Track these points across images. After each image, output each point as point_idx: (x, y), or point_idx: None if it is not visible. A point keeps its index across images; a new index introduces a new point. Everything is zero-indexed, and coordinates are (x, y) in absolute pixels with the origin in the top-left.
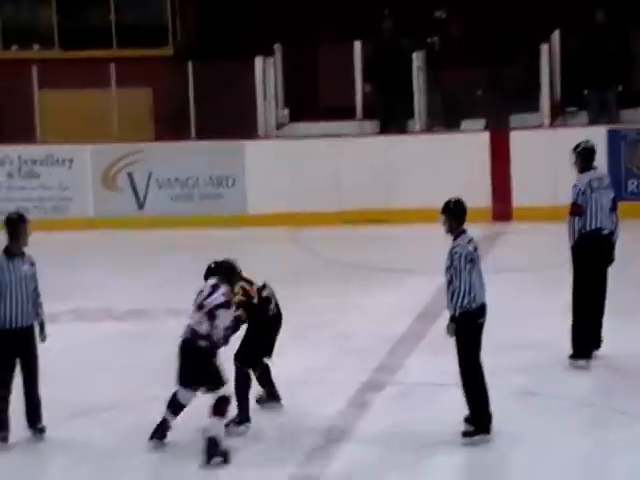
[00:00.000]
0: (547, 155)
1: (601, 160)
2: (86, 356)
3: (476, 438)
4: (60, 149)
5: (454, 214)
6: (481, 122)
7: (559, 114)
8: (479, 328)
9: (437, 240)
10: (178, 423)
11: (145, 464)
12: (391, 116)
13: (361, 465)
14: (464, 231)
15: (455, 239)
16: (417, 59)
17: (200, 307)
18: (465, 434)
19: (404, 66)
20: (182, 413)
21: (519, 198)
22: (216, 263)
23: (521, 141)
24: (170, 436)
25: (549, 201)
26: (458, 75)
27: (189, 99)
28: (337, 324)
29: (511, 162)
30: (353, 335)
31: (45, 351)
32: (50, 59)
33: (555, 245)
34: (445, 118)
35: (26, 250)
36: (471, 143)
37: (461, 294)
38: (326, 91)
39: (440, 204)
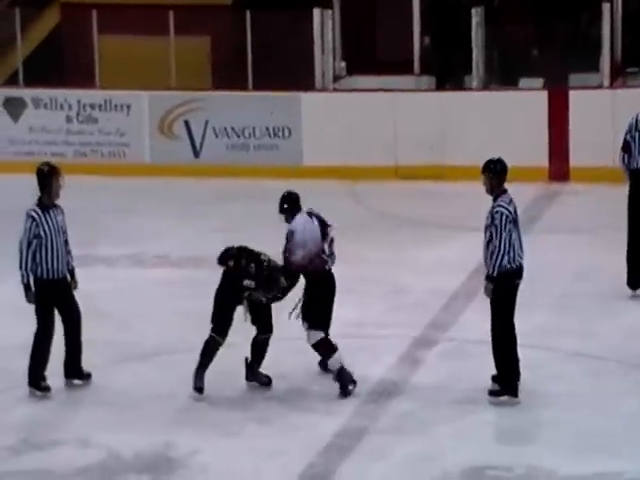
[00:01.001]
0: (606, 116)
1: None
2: (140, 301)
3: (503, 399)
4: (118, 95)
5: (495, 173)
6: (539, 81)
7: (620, 74)
8: (515, 289)
9: (490, 198)
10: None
11: (192, 410)
12: (448, 72)
13: (410, 420)
14: (505, 191)
15: (496, 199)
16: (476, 14)
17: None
18: (491, 393)
19: (463, 21)
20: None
21: (576, 158)
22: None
23: (580, 101)
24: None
25: (607, 162)
26: (517, 32)
27: (247, 49)
28: (390, 279)
29: (569, 122)
30: (406, 290)
31: (102, 294)
32: (110, 4)
33: (612, 206)
34: (503, 75)
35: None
36: (529, 101)
37: (500, 253)
38: (384, 44)
39: None
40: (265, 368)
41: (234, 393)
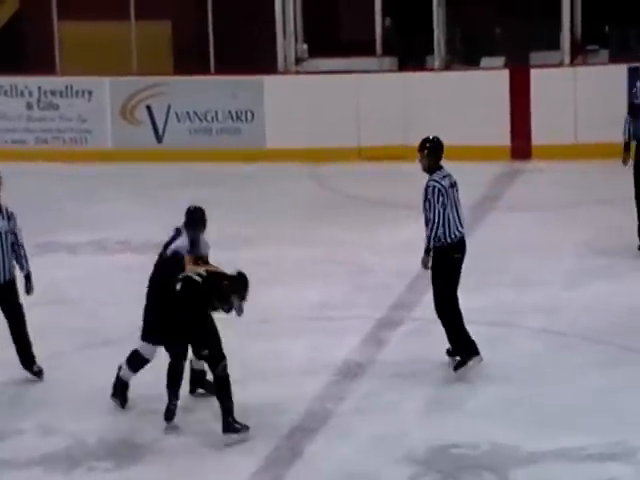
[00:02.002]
0: (567, 93)
1: (621, 98)
2: (105, 287)
3: (469, 363)
4: (79, 81)
5: (431, 151)
6: (501, 59)
7: (580, 52)
8: (455, 263)
9: (455, 177)
10: None
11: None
12: (410, 52)
13: (375, 400)
14: (440, 167)
15: (431, 175)
16: None
17: None
18: (456, 367)
19: (424, 1)
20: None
21: (538, 136)
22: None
23: (541, 79)
24: None
25: (569, 139)
26: (478, 11)
27: (208, 33)
28: (354, 260)
29: (531, 100)
30: (370, 271)
31: (65, 281)
32: None
33: (574, 183)
34: (464, 55)
35: (3, 203)
36: (490, 80)
37: (435, 226)
38: (346, 26)
39: (459, 141)
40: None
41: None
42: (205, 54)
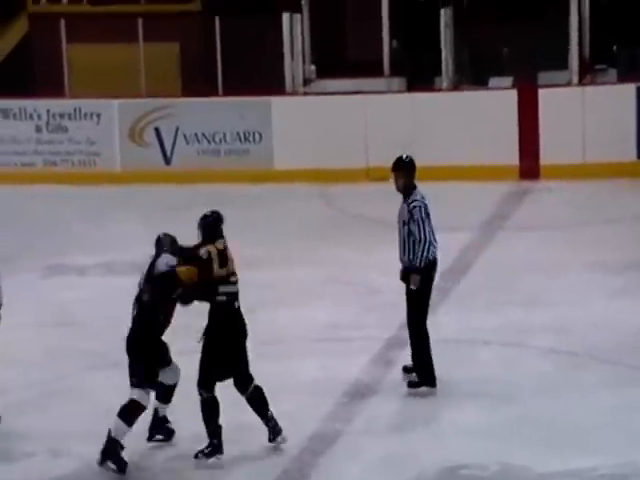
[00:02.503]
0: (576, 113)
1: (630, 118)
2: (113, 309)
3: (421, 389)
4: (88, 103)
5: (407, 171)
6: (509, 79)
7: (588, 72)
8: (432, 281)
9: (463, 197)
10: None
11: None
12: (418, 73)
13: (384, 421)
14: (415, 186)
15: (409, 195)
16: (445, 15)
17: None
18: (410, 384)
19: (432, 22)
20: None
21: (547, 156)
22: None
23: (549, 99)
24: None
25: (577, 159)
26: (486, 31)
27: (216, 55)
28: (362, 280)
29: (539, 120)
30: (378, 291)
31: (74, 303)
32: (78, 13)
33: (582, 203)
34: (472, 75)
35: None
36: (499, 100)
37: (426, 245)
38: (353, 47)
39: (467, 161)
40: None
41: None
42: (213, 75)
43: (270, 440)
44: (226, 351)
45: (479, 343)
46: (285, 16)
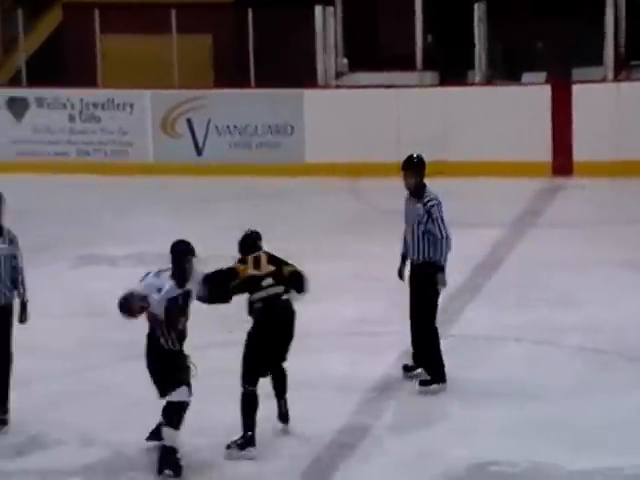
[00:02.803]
0: (610, 109)
1: None
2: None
3: (433, 387)
4: (121, 94)
5: (418, 169)
6: (542, 75)
7: (624, 68)
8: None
9: (495, 193)
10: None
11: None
12: (451, 67)
13: (413, 416)
14: (425, 185)
15: (422, 193)
16: (478, 9)
17: None
18: (422, 383)
19: (465, 16)
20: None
21: (580, 152)
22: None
23: (583, 95)
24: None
25: (611, 156)
26: (519, 26)
27: (249, 47)
28: (391, 275)
29: (573, 116)
30: (407, 287)
31: (105, 294)
32: (112, 4)
33: (615, 200)
34: (505, 70)
35: (5, 226)
36: (532, 96)
37: (447, 242)
38: (386, 41)
39: (499, 157)
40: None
41: (236, 391)
42: (245, 68)
43: (280, 419)
44: (267, 350)
45: (509, 340)
46: (318, 9)
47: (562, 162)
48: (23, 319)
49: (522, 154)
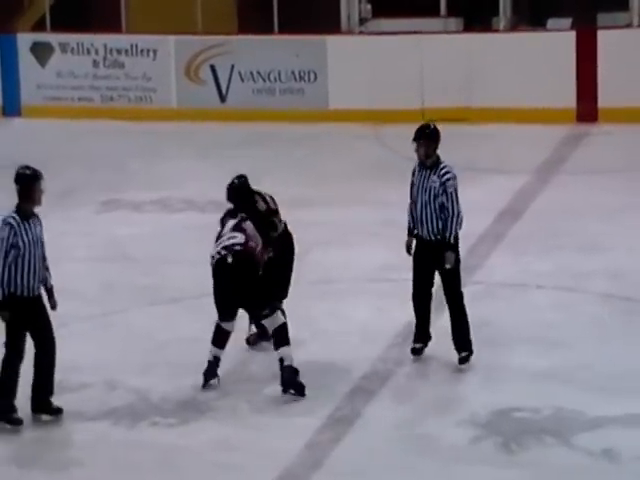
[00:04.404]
0: (636, 55)
1: None
2: (166, 245)
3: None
4: (144, 39)
5: (429, 140)
6: (567, 21)
7: None
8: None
9: (519, 140)
10: None
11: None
12: (475, 13)
13: (436, 363)
14: (439, 156)
15: (436, 164)
16: None
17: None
18: (462, 360)
19: None
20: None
21: (605, 99)
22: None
23: (609, 41)
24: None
25: (636, 102)
26: None
27: None
28: None
29: (598, 62)
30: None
31: (129, 239)
32: None
33: None
34: (530, 16)
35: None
36: (557, 42)
37: (460, 218)
38: None
39: (524, 103)
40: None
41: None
42: (269, 14)
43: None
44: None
45: (533, 287)
46: None
47: (587, 108)
48: (53, 305)
49: (547, 100)
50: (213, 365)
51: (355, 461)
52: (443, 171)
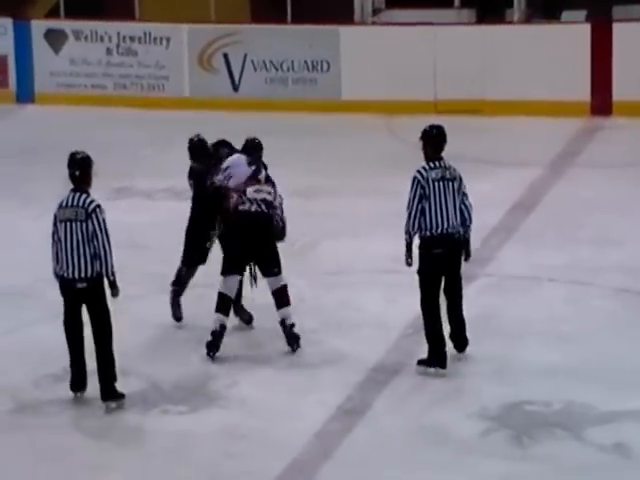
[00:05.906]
0: None
1: None
2: (178, 233)
3: (431, 370)
4: (158, 27)
5: (429, 141)
6: (582, 13)
7: None
8: (436, 259)
9: (533, 133)
10: None
11: (232, 342)
12: (489, 4)
13: (448, 355)
14: (439, 158)
15: (442, 162)
16: None
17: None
18: (420, 362)
19: None
20: None
21: (620, 92)
22: None
23: (623, 33)
24: None
25: None
26: None
27: None
28: None
29: (613, 55)
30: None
31: (141, 226)
32: None
33: None
34: (545, 8)
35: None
36: (571, 35)
37: (408, 219)
38: None
39: (537, 96)
40: (298, 304)
41: (271, 324)
42: (282, 3)
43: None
44: None
45: (545, 281)
46: None
47: (601, 102)
48: (115, 293)
49: (561, 93)
50: (218, 336)
51: (364, 452)
52: (453, 168)
